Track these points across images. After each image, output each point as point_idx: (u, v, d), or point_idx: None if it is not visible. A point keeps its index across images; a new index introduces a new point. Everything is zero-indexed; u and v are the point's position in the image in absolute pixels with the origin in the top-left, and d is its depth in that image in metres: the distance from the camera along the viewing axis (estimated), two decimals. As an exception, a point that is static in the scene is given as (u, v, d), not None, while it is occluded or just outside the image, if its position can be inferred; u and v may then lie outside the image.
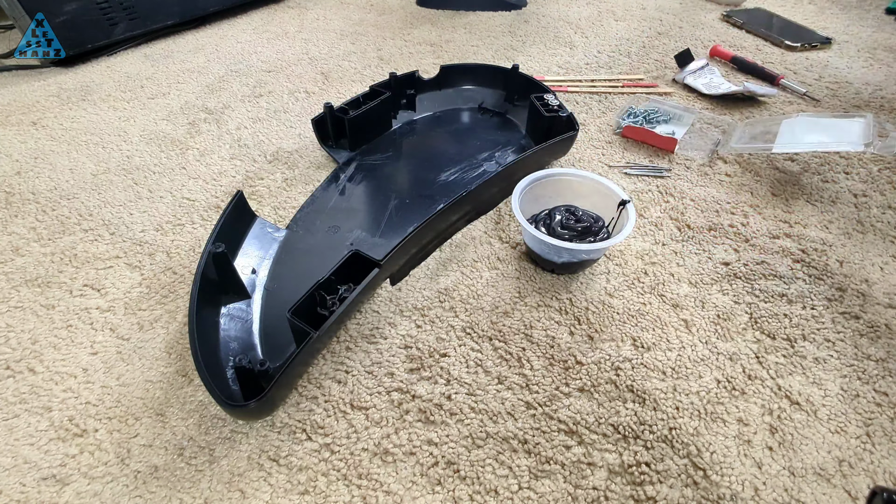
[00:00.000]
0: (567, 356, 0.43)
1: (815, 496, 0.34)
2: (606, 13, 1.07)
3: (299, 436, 0.38)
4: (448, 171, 0.61)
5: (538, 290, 0.48)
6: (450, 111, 0.73)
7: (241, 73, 0.86)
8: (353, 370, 0.42)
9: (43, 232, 0.55)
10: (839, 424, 0.38)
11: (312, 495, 0.35)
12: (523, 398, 0.40)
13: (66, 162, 0.65)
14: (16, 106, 0.76)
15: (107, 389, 0.41)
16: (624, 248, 0.52)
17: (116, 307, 0.47)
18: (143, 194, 0.60)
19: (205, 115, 0.74)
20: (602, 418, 0.39)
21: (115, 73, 0.86)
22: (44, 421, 0.39)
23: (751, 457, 0.36)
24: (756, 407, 0.39)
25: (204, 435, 0.38)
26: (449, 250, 0.53)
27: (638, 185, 0.61)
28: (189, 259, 0.52)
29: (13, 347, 0.44)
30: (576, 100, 0.78)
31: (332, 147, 0.65)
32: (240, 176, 0.63)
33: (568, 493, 0.35)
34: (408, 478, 0.35)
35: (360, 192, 0.59)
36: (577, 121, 0.60)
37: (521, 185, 0.50)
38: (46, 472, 0.36)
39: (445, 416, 0.39)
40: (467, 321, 0.45)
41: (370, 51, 0.93)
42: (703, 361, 0.42)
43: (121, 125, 0.72)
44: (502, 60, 0.88)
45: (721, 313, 0.46)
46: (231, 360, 0.40)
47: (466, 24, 1.03)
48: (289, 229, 0.53)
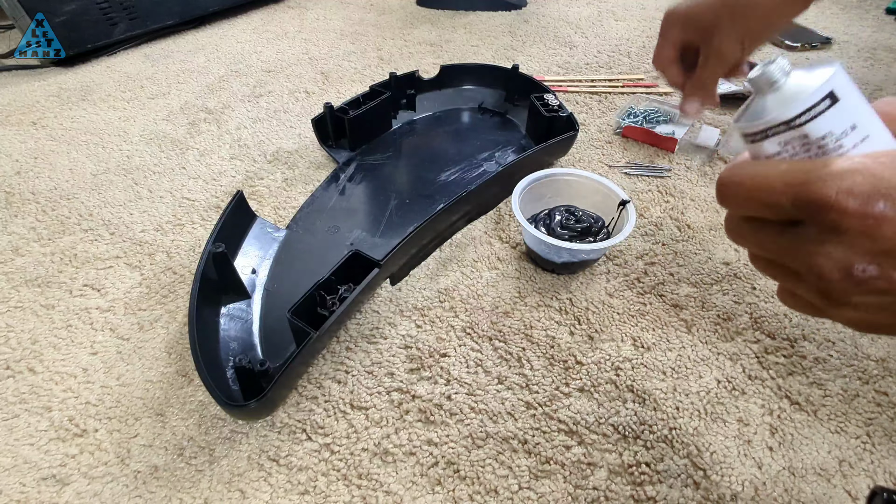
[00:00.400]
0: (567, 356, 0.43)
1: (815, 496, 0.34)
2: (606, 13, 1.07)
3: (299, 436, 0.38)
4: (448, 171, 0.61)
5: (538, 290, 0.48)
6: (450, 111, 0.73)
7: (241, 73, 0.86)
8: (353, 370, 0.42)
9: (43, 232, 0.55)
10: (839, 424, 0.38)
11: (312, 495, 0.35)
12: (523, 398, 0.40)
13: (66, 162, 0.65)
14: (16, 106, 0.76)
15: (107, 389, 0.41)
16: (624, 248, 0.52)
17: (116, 307, 0.47)
18: (143, 194, 0.60)
19: (205, 115, 0.74)
20: (602, 418, 0.39)
21: (115, 73, 0.86)
22: (44, 421, 0.39)
23: (751, 457, 0.36)
24: (756, 407, 0.39)
25: (204, 435, 0.38)
26: (449, 250, 0.53)
27: (638, 185, 0.61)
28: (189, 259, 0.52)
29: (13, 347, 0.44)
30: (576, 100, 0.78)
31: (332, 147, 0.65)
32: (240, 176, 0.63)
33: (568, 493, 0.35)
34: (408, 478, 0.35)
35: (360, 192, 0.59)
36: (577, 121, 0.60)
37: (521, 185, 0.50)
38: (46, 472, 0.36)
39: (445, 416, 0.39)
40: (467, 321, 0.45)
41: (370, 51, 0.93)
42: (704, 361, 0.42)
43: (121, 125, 0.72)
44: (502, 60, 0.88)
45: (721, 313, 0.46)
46: (231, 360, 0.40)
47: (466, 24, 1.03)
48: (289, 229, 0.53)
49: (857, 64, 0.86)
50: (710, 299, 0.47)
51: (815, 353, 0.43)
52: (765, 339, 0.44)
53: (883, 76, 0.82)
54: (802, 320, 0.45)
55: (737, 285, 0.48)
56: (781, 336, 0.44)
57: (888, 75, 0.82)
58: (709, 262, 0.51)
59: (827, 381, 0.41)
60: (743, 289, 0.48)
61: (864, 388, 0.40)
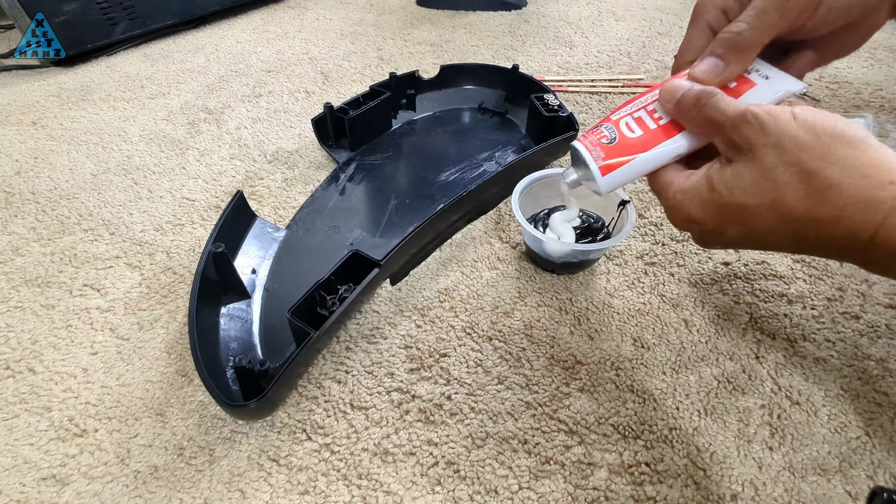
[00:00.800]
0: (567, 356, 0.43)
1: (815, 496, 0.34)
2: (606, 13, 1.07)
3: (299, 436, 0.38)
4: (448, 171, 0.61)
5: (538, 290, 0.48)
6: (450, 111, 0.73)
7: (241, 73, 0.86)
8: (353, 370, 0.42)
9: (43, 232, 0.55)
10: (839, 424, 0.38)
11: (312, 495, 0.35)
12: (523, 398, 0.40)
13: (65, 162, 0.65)
14: (16, 106, 0.76)
15: (107, 389, 0.41)
16: (624, 248, 0.52)
17: (116, 307, 0.47)
18: (143, 194, 0.60)
19: (205, 115, 0.74)
20: (602, 418, 0.39)
21: (115, 73, 0.86)
22: (44, 421, 0.39)
23: (751, 457, 0.36)
24: (756, 407, 0.39)
25: (204, 435, 0.38)
26: (449, 250, 0.53)
27: (638, 185, 0.61)
28: (189, 259, 0.52)
29: (13, 347, 0.44)
30: (576, 100, 0.78)
31: (332, 147, 0.65)
32: (240, 176, 0.63)
33: (568, 493, 0.35)
34: (408, 478, 0.35)
35: (360, 192, 0.59)
36: (577, 121, 0.60)
37: (521, 185, 0.50)
38: (46, 472, 0.36)
39: (445, 416, 0.39)
40: (467, 321, 0.45)
41: (370, 51, 0.93)
42: (704, 361, 0.42)
43: (121, 125, 0.72)
44: (502, 60, 0.88)
45: (721, 313, 0.46)
46: (231, 360, 0.40)
47: (466, 24, 1.03)
48: (289, 229, 0.53)
49: (857, 64, 0.86)
50: (710, 299, 0.47)
51: (815, 353, 0.43)
52: (765, 339, 0.44)
53: (883, 76, 0.82)
54: (802, 320, 0.45)
55: (736, 285, 0.48)
56: (781, 336, 0.44)
57: (888, 75, 0.82)
58: (709, 262, 0.51)
59: (827, 381, 0.41)
60: (742, 289, 0.48)
61: (864, 388, 0.40)
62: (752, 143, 0.24)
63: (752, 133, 0.24)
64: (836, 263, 0.50)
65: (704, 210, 0.26)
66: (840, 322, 0.45)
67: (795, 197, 0.23)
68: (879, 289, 0.48)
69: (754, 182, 0.24)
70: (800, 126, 0.23)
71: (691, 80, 0.28)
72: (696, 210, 0.26)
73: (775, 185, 0.23)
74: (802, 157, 0.22)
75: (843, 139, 0.22)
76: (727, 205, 0.25)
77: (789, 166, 0.23)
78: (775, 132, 0.23)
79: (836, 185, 0.22)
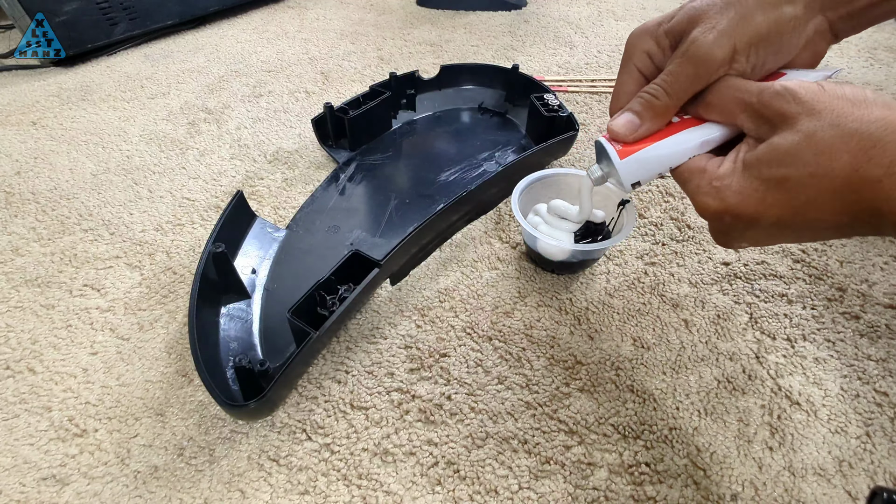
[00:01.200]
0: (567, 356, 0.43)
1: (815, 496, 0.34)
2: (606, 13, 1.07)
3: (299, 436, 0.38)
4: (448, 171, 0.61)
5: (538, 290, 0.48)
6: (450, 111, 0.73)
7: (241, 73, 0.86)
8: (353, 370, 0.42)
9: (43, 232, 0.55)
10: (839, 424, 0.38)
11: (312, 495, 0.35)
12: (523, 398, 0.40)
13: (65, 162, 0.65)
14: (16, 106, 0.76)
15: (107, 389, 0.41)
16: (624, 248, 0.52)
17: (116, 307, 0.47)
18: (143, 194, 0.60)
19: (205, 115, 0.74)
20: (602, 418, 0.39)
21: (115, 73, 0.86)
22: (44, 421, 0.39)
23: (751, 457, 0.36)
24: (756, 407, 0.39)
25: (204, 435, 0.38)
26: (449, 250, 0.53)
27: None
28: (189, 259, 0.52)
29: (13, 347, 0.44)
30: (576, 100, 0.78)
31: (332, 147, 0.65)
32: (240, 176, 0.63)
33: (568, 493, 0.35)
34: (408, 478, 0.35)
35: (360, 192, 0.59)
36: (577, 121, 0.60)
37: (521, 185, 0.50)
38: (46, 472, 0.36)
39: (445, 416, 0.39)
40: (467, 321, 0.45)
41: (370, 51, 0.93)
42: (704, 361, 0.42)
43: (121, 125, 0.72)
44: (502, 60, 0.88)
45: (721, 313, 0.46)
46: (231, 360, 0.40)
47: (466, 24, 1.03)
48: (289, 229, 0.53)
49: (858, 64, 0.86)
50: (710, 299, 0.47)
51: (815, 353, 0.43)
52: (765, 339, 0.44)
53: (883, 76, 0.82)
54: (802, 320, 0.45)
55: (736, 285, 0.48)
56: (781, 336, 0.44)
57: (888, 75, 0.82)
58: (708, 263, 0.51)
59: (827, 381, 0.41)
60: (742, 289, 0.48)
61: (864, 388, 0.40)
62: (786, 114, 0.23)
63: (785, 104, 0.23)
64: (836, 263, 0.50)
65: (741, 195, 0.25)
66: (840, 322, 0.45)
67: (840, 159, 0.21)
68: (879, 289, 0.48)
69: (794, 151, 0.23)
70: (829, 94, 0.22)
71: (609, 133, 0.29)
72: (732, 197, 0.25)
73: (817, 151, 0.22)
74: (840, 120, 0.22)
75: (877, 102, 0.22)
76: (767, 180, 0.24)
77: (829, 128, 0.22)
78: (809, 100, 0.23)
79: (879, 142, 0.21)
